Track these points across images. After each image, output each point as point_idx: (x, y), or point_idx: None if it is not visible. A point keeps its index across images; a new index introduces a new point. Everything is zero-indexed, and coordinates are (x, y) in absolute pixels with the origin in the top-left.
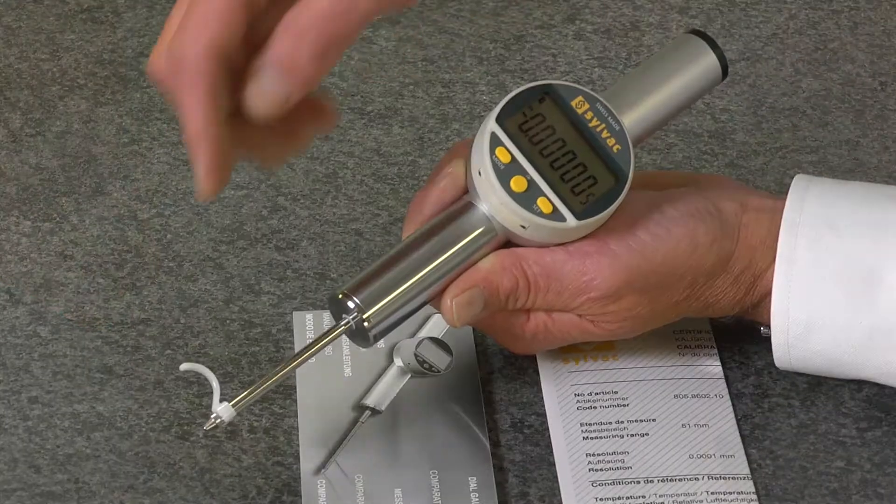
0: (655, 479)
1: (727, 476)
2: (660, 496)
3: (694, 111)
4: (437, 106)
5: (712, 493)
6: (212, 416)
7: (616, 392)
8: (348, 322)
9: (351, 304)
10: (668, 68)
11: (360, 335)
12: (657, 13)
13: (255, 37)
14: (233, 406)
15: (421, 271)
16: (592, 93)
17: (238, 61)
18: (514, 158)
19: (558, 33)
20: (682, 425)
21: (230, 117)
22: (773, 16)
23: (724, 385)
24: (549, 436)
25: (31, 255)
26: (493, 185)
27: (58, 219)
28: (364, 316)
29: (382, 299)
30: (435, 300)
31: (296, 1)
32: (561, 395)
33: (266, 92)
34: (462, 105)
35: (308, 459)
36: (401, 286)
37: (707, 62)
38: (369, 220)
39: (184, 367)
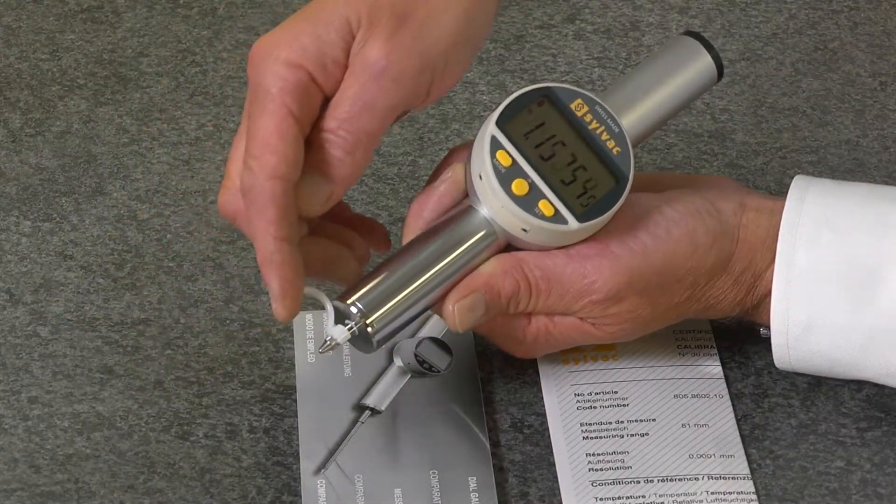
0: (655, 479)
1: (727, 476)
2: (660, 496)
3: (694, 111)
4: (437, 106)
5: (712, 493)
6: (326, 338)
7: (616, 392)
8: (351, 328)
9: (354, 310)
10: (664, 70)
11: (363, 341)
12: (657, 13)
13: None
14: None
15: (423, 276)
16: (591, 95)
17: None
18: (514, 162)
19: (558, 33)
20: (682, 425)
21: (305, 239)
22: (773, 16)
23: (724, 385)
24: (549, 436)
25: (31, 255)
26: (495, 188)
27: (58, 219)
28: (367, 322)
29: (385, 305)
30: (436, 305)
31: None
32: (561, 395)
33: (310, 193)
34: (462, 105)
35: (308, 459)
36: (403, 291)
37: (702, 63)
38: None
39: (307, 290)
